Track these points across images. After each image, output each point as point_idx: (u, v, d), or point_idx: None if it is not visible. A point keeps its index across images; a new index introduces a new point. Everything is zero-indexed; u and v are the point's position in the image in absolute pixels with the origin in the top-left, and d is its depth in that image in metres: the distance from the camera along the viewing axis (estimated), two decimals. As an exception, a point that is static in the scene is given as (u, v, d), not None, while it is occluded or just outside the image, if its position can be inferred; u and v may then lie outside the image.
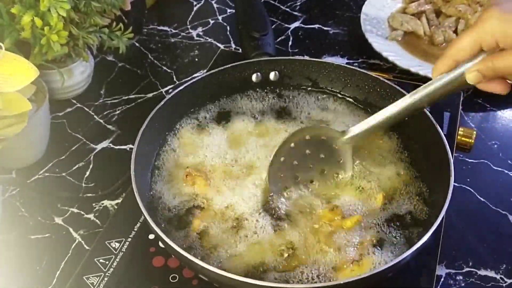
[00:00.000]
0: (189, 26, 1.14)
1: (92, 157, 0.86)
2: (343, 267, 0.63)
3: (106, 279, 0.66)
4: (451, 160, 0.67)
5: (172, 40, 1.11)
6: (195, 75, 1.01)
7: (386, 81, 0.80)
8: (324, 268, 0.63)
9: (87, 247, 0.73)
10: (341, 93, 0.85)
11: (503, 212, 0.78)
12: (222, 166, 0.74)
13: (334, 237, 0.66)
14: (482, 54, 0.59)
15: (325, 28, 1.13)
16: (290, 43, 1.09)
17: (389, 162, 0.75)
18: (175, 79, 1.01)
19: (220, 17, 1.17)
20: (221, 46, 1.08)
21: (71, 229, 0.76)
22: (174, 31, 1.13)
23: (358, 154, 0.74)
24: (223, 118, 0.82)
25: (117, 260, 0.68)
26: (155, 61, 1.05)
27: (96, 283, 0.66)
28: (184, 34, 1.12)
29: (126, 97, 0.97)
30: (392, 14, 1.11)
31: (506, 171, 0.83)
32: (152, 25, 1.14)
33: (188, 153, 0.76)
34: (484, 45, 0.57)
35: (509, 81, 0.59)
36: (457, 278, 0.70)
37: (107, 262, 0.68)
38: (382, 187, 0.71)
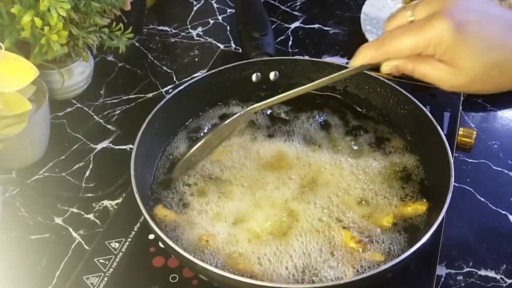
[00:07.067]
0: (189, 26, 1.14)
1: (92, 157, 0.86)
2: None
3: (106, 279, 0.66)
4: (451, 160, 0.67)
5: (172, 40, 1.11)
6: (195, 75, 1.01)
7: (386, 81, 0.80)
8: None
9: (87, 247, 0.73)
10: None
11: (503, 212, 0.78)
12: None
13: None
14: None
15: (325, 28, 1.13)
16: (290, 43, 1.09)
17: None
18: (175, 79, 1.01)
19: (220, 17, 1.17)
20: (221, 46, 1.08)
21: (71, 229, 0.76)
22: (174, 31, 1.13)
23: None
24: (223, 118, 0.82)
25: (117, 260, 0.68)
26: (155, 61, 1.05)
27: (96, 283, 0.66)
28: (184, 34, 1.12)
29: (126, 97, 0.97)
30: (392, 14, 1.11)
31: (506, 171, 0.83)
32: (152, 25, 1.14)
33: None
34: (423, 53, 0.53)
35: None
36: (457, 278, 0.70)
37: (107, 262, 0.68)
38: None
